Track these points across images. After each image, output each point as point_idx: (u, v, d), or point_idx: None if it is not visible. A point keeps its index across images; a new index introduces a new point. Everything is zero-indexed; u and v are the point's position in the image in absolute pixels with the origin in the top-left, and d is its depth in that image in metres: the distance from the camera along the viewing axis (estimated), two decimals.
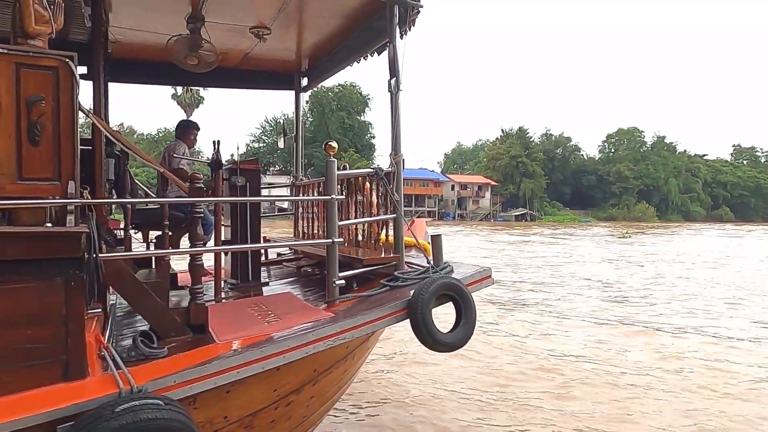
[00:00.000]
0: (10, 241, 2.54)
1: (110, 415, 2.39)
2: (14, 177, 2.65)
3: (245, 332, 3.48)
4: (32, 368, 2.57)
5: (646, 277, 17.94)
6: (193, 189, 3.42)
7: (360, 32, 5.43)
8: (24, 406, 2.43)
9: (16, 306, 2.55)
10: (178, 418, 2.54)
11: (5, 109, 2.60)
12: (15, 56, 2.63)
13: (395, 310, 3.77)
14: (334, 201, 3.93)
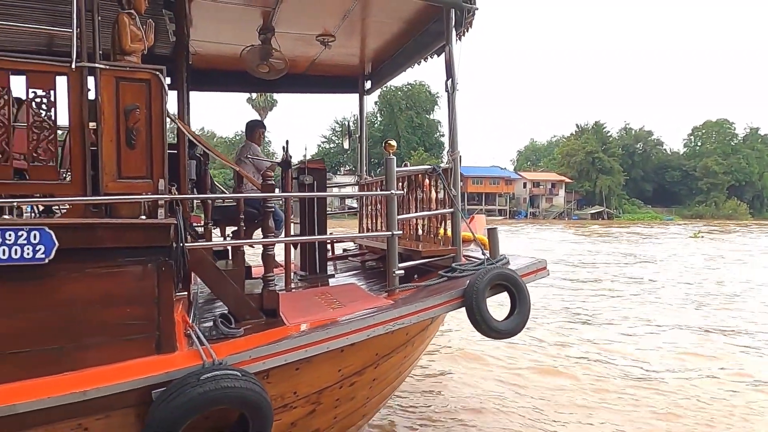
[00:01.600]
0: (112, 232, 2.97)
1: (195, 382, 2.74)
2: (115, 176, 3.08)
3: (312, 317, 3.79)
4: (131, 342, 2.99)
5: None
6: (265, 186, 3.76)
7: (419, 36, 5.63)
8: (125, 373, 2.84)
9: (117, 287, 2.97)
10: (253, 387, 2.87)
11: (107, 117, 3.03)
12: (115, 71, 3.06)
13: (451, 298, 3.95)
14: (393, 196, 4.17)
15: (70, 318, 2.85)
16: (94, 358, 2.88)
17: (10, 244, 2.70)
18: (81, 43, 2.94)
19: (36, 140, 2.93)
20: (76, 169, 3.00)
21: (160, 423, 2.68)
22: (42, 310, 2.80)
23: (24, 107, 3.06)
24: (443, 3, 4.47)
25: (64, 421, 2.62)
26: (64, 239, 2.80)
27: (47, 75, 2.93)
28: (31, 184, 2.97)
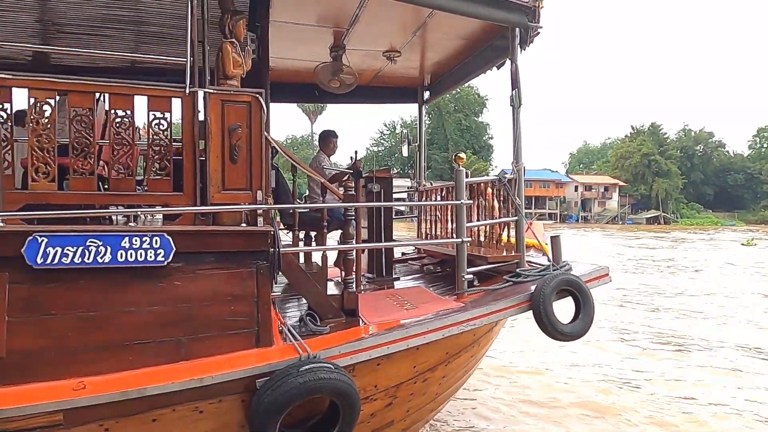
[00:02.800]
0: (219, 237, 3.35)
1: (296, 372, 3.08)
2: (219, 188, 3.47)
3: (388, 317, 4.09)
4: (235, 336, 3.36)
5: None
6: (347, 196, 4.09)
7: (481, 51, 5.86)
8: (231, 363, 3.20)
9: (223, 287, 3.35)
10: (344, 379, 3.19)
11: (214, 135, 3.42)
12: (221, 94, 3.45)
13: (519, 302, 4.16)
14: (463, 205, 4.42)
15: (185, 314, 3.24)
16: (205, 350, 3.26)
17: (137, 248, 3.12)
18: (193, 71, 3.34)
19: (154, 156, 3.34)
20: (187, 181, 3.40)
21: (267, 408, 3.02)
22: (162, 305, 3.20)
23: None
24: (509, 23, 4.68)
25: (184, 405, 3.00)
26: (179, 244, 3.20)
27: (165, 99, 3.35)
28: (152, 195, 3.38)
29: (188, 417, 3.04)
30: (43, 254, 2.94)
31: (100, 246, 3.05)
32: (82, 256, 3.02)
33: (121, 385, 2.89)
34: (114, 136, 3.25)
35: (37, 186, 3.12)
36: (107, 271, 3.08)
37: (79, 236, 3.01)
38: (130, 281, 3.14)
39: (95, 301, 3.07)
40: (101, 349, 3.05)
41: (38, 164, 3.11)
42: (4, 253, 2.91)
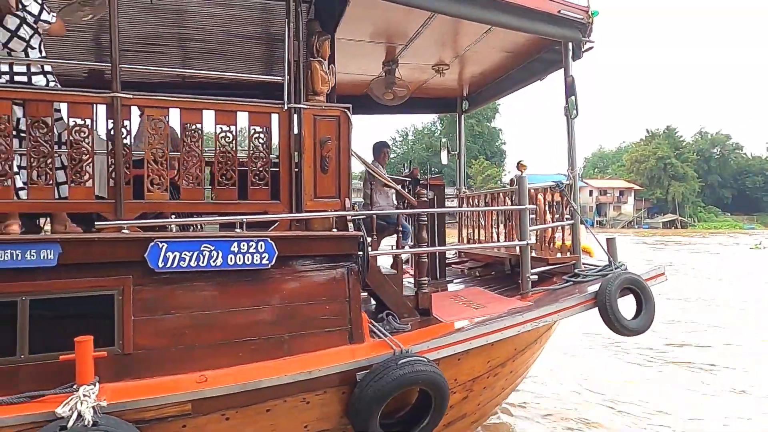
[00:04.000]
0: (315, 242, 3.62)
1: (395, 366, 3.32)
2: (312, 196, 3.74)
3: (460, 315, 4.32)
4: (330, 333, 3.61)
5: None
6: (421, 203, 4.35)
7: (528, 63, 6.09)
8: (330, 358, 3.45)
9: (319, 288, 3.62)
10: (438, 371, 3.43)
11: (307, 147, 3.70)
12: (313, 110, 3.73)
13: (585, 300, 4.37)
14: (527, 210, 4.66)
15: (286, 313, 3.51)
16: (304, 346, 3.52)
17: (245, 252, 3.39)
18: (290, 89, 3.63)
19: (256, 167, 3.62)
20: (284, 190, 3.68)
21: (371, 398, 3.26)
22: (266, 306, 3.47)
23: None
24: (564, 38, 4.92)
25: (293, 396, 3.26)
26: (280, 248, 3.47)
27: (265, 115, 3.63)
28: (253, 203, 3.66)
29: (297, 407, 3.29)
30: (164, 258, 3.23)
31: (212, 251, 3.33)
32: (197, 260, 3.30)
33: (237, 379, 3.15)
34: (219, 149, 3.53)
35: (152, 196, 3.41)
36: (219, 274, 3.36)
37: (195, 242, 3.30)
38: (238, 283, 3.41)
39: (208, 302, 3.35)
40: (215, 345, 3.32)
41: (153, 176, 3.41)
42: (129, 258, 3.20)
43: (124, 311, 3.15)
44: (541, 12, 4.57)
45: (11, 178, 3.15)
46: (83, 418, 2.67)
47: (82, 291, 3.13)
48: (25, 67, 3.27)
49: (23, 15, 3.24)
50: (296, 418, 3.32)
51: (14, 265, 2.98)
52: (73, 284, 3.11)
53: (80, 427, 2.65)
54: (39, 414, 2.72)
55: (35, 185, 3.20)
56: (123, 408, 2.84)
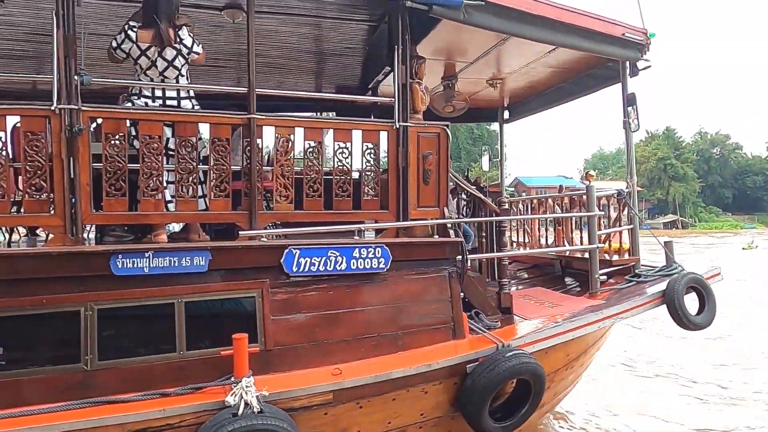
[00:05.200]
0: (422, 248, 4.00)
1: (503, 358, 3.69)
2: (416, 205, 4.11)
3: (540, 313, 4.69)
4: (436, 330, 3.98)
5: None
6: (503, 210, 4.72)
7: (580, 78, 6.45)
8: (440, 353, 3.81)
9: (425, 289, 3.98)
10: (537, 363, 3.80)
11: (412, 161, 4.07)
12: (417, 127, 4.10)
13: (654, 298, 4.75)
14: (595, 217, 5.04)
15: (399, 312, 3.88)
16: (415, 342, 3.89)
17: (365, 257, 3.76)
18: (400, 109, 4.00)
19: (369, 181, 3.99)
20: (392, 201, 4.05)
21: (484, 388, 3.63)
22: (383, 306, 3.83)
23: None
24: (624, 57, 5.31)
25: (415, 386, 3.62)
26: (393, 253, 3.84)
27: (375, 132, 4.01)
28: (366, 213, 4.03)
29: (417, 396, 3.65)
30: (297, 263, 3.60)
31: (338, 256, 3.69)
32: (325, 265, 3.67)
33: (367, 371, 3.51)
34: (337, 164, 3.90)
35: (280, 207, 3.78)
36: (342, 277, 3.73)
37: (323, 248, 3.66)
38: (359, 285, 3.78)
39: (334, 303, 3.71)
40: (341, 342, 3.68)
41: (281, 189, 3.78)
42: (266, 263, 3.56)
43: (264, 311, 3.51)
44: (608, 35, 4.95)
45: (162, 192, 3.52)
46: (251, 406, 3.03)
47: (228, 293, 3.50)
48: (176, 92, 3.64)
49: (179, 47, 3.62)
50: (415, 407, 3.68)
51: (172, 270, 3.34)
52: (221, 287, 3.47)
53: (249, 414, 3.01)
54: (210, 403, 3.07)
55: (182, 198, 3.57)
56: (278, 397, 3.20)
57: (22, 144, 3.24)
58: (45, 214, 3.28)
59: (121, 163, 3.41)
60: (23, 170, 3.25)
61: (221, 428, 2.93)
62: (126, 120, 3.45)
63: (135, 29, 3.54)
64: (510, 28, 4.44)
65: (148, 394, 3.11)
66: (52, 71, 3.24)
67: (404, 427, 3.70)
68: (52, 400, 2.99)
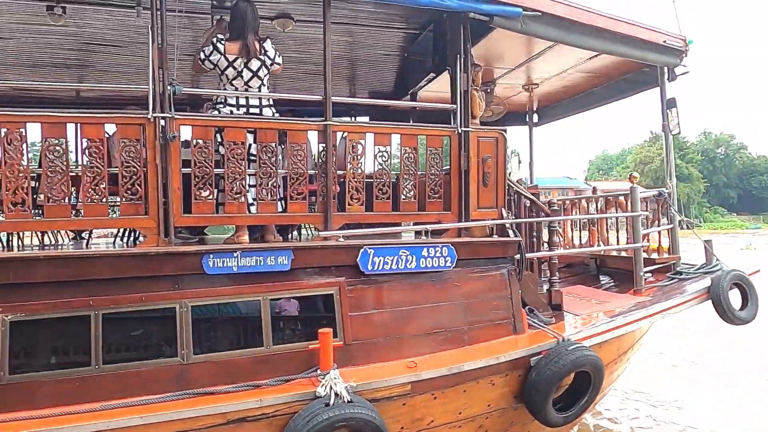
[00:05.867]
0: (484, 247, 4.18)
1: (566, 351, 3.87)
2: (476, 207, 4.30)
3: (589, 310, 4.87)
4: (498, 325, 4.17)
5: None
6: (553, 210, 4.91)
7: (613, 83, 6.63)
8: (503, 347, 4.00)
9: (488, 286, 4.17)
10: (598, 356, 3.98)
11: (473, 165, 4.27)
12: (478, 132, 4.30)
13: (699, 294, 4.93)
14: (639, 217, 5.22)
15: (464, 308, 4.06)
16: (479, 337, 4.07)
17: (433, 256, 3.95)
18: (460, 114, 4.20)
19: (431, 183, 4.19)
20: (454, 201, 4.25)
21: (549, 379, 3.80)
22: (449, 302, 4.02)
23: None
24: (664, 64, 5.50)
25: (484, 378, 3.81)
26: (459, 252, 4.03)
27: (440, 137, 4.20)
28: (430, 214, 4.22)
29: (485, 388, 3.84)
30: (372, 262, 3.79)
31: (408, 255, 3.89)
32: (397, 264, 3.86)
33: (440, 364, 3.70)
34: (404, 168, 4.10)
35: (352, 209, 3.98)
36: (412, 275, 3.92)
37: (395, 248, 3.86)
38: (427, 283, 3.97)
39: (404, 300, 3.90)
40: (411, 336, 3.87)
41: (352, 191, 3.98)
42: (343, 262, 3.76)
43: (343, 308, 3.70)
44: (651, 42, 5.14)
45: (245, 195, 3.72)
46: (341, 397, 3.22)
47: (309, 291, 3.69)
48: (258, 100, 3.85)
49: (264, 58, 3.82)
50: (483, 398, 3.87)
51: (258, 269, 3.54)
52: (302, 285, 3.67)
53: (340, 403, 3.19)
54: (302, 393, 3.26)
55: (263, 201, 3.77)
56: (362, 388, 3.38)
57: (119, 150, 3.44)
58: (140, 216, 3.48)
59: (208, 168, 3.61)
60: (120, 175, 3.45)
61: (315, 417, 3.12)
62: (213, 127, 3.65)
63: (223, 42, 3.75)
64: (562, 37, 4.63)
65: (241, 386, 3.30)
66: (147, 81, 3.44)
67: (473, 417, 3.88)
68: (153, 392, 3.19)
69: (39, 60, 5.80)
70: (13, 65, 5.87)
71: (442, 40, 5.44)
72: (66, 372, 3.14)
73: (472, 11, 4.08)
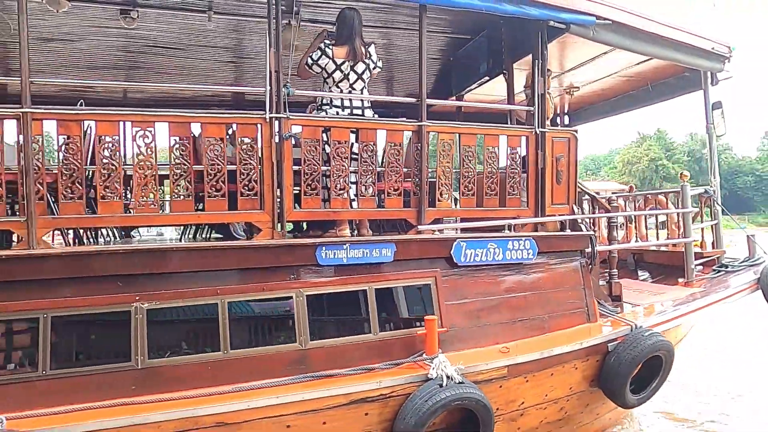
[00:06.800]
0: (561, 241, 4.46)
1: (643, 336, 4.15)
2: (550, 203, 4.57)
3: (647, 300, 5.17)
4: (573, 314, 4.44)
5: None
6: (613, 207, 5.21)
7: (652, 86, 6.92)
8: (584, 333, 4.27)
9: (564, 278, 4.45)
10: (669, 341, 4.27)
11: (548, 163, 4.53)
12: (552, 132, 4.57)
13: (749, 285, 5.26)
14: (689, 213, 5.53)
15: (544, 298, 4.34)
16: (557, 325, 4.35)
17: (517, 249, 4.22)
18: (537, 116, 4.47)
19: (510, 181, 4.45)
20: (531, 198, 4.51)
21: (629, 363, 4.08)
22: (531, 292, 4.29)
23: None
24: (709, 69, 5.82)
25: (568, 363, 4.08)
26: (540, 245, 4.30)
27: (518, 137, 4.47)
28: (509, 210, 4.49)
29: (569, 372, 4.11)
30: (464, 255, 4.04)
31: (496, 248, 4.15)
32: (485, 256, 4.12)
33: (529, 350, 3.96)
34: (487, 167, 4.36)
35: (441, 205, 4.24)
36: (498, 267, 4.19)
37: (484, 241, 4.12)
38: (511, 274, 4.23)
39: (492, 289, 4.17)
40: (499, 324, 4.13)
41: (442, 188, 4.23)
42: (439, 255, 4.01)
43: (439, 297, 3.95)
44: (700, 48, 5.44)
45: (348, 191, 3.96)
46: (452, 378, 3.47)
47: (409, 281, 3.94)
48: (360, 102, 4.08)
49: (368, 62, 4.06)
50: (566, 381, 4.14)
51: (365, 260, 3.78)
52: (403, 276, 3.91)
53: (452, 384, 3.44)
54: (416, 375, 3.50)
55: (363, 197, 4.01)
56: (466, 371, 3.63)
57: (237, 149, 3.66)
58: (256, 211, 3.70)
59: (316, 165, 3.84)
60: (237, 172, 3.66)
61: (433, 396, 3.37)
62: (321, 127, 3.88)
63: (330, 46, 3.98)
64: (624, 43, 4.91)
65: (355, 370, 3.54)
66: (265, 84, 3.66)
67: (556, 400, 4.16)
68: (276, 375, 3.41)
69: (105, 61, 5.95)
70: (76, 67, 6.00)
71: (497, 46, 5.72)
72: (198, 357, 3.36)
73: (552, 20, 4.34)
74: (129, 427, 2.92)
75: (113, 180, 3.42)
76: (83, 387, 3.09)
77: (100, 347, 3.44)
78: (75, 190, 3.36)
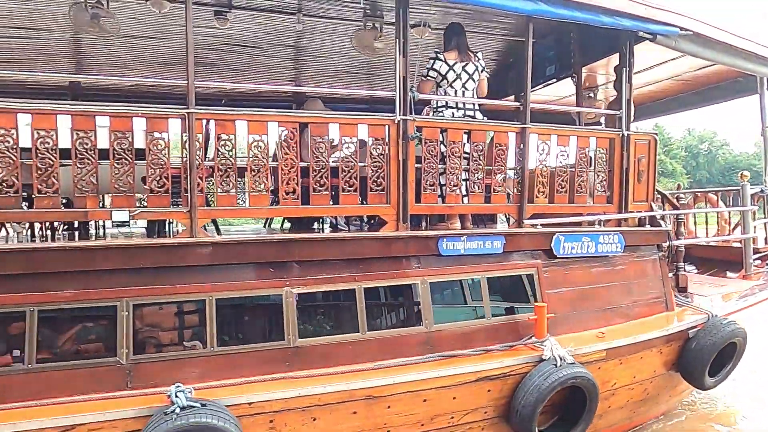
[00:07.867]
0: (643, 235, 4.82)
1: (722, 324, 4.53)
2: (632, 200, 4.93)
3: (712, 292, 5.55)
4: (653, 303, 4.82)
5: None
6: (681, 204, 5.58)
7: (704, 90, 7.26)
8: (667, 321, 4.65)
9: (646, 269, 4.82)
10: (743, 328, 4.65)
11: (631, 164, 4.88)
12: (635, 135, 4.91)
13: None
14: (749, 211, 5.91)
15: (628, 288, 4.71)
16: (640, 313, 4.72)
17: (607, 242, 4.58)
18: (625, 119, 4.81)
19: (598, 178, 4.81)
20: (616, 195, 4.87)
21: (711, 349, 4.46)
22: (619, 282, 4.66)
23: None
24: (764, 74, 6.16)
25: (656, 347, 4.45)
26: (626, 239, 4.66)
27: (587, 138, 4.80)
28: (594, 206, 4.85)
29: (655, 356, 4.49)
30: (563, 247, 4.40)
31: (589, 241, 4.51)
32: (580, 248, 4.48)
33: (622, 335, 4.32)
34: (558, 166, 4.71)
35: (539, 201, 4.58)
36: (591, 258, 4.55)
37: (579, 234, 4.48)
38: (601, 265, 4.60)
39: (584, 280, 4.53)
40: (590, 311, 4.50)
41: (539, 186, 4.57)
42: (540, 247, 4.37)
43: (541, 286, 4.31)
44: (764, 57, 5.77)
45: (460, 187, 4.30)
46: (564, 359, 3.84)
47: (516, 271, 4.29)
48: (472, 105, 4.42)
49: (478, 64, 4.41)
50: (652, 364, 4.52)
51: (478, 251, 4.13)
52: (511, 266, 4.27)
53: (565, 364, 3.81)
54: (532, 356, 3.87)
55: (474, 193, 4.36)
56: (573, 353, 4.00)
57: (368, 148, 3.99)
58: (384, 205, 4.04)
59: (434, 163, 4.17)
60: (368, 169, 3.99)
61: (551, 375, 3.74)
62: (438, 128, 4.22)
63: (441, 53, 4.36)
64: (699, 52, 5.23)
65: (476, 350, 3.90)
66: (394, 88, 3.99)
67: (641, 382, 4.54)
68: (406, 354, 3.77)
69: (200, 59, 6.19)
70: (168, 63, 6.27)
71: (565, 49, 6.06)
72: (342, 337, 3.70)
73: (642, 30, 4.67)
74: (294, 399, 3.26)
75: (262, 175, 3.75)
76: (243, 363, 3.43)
77: (253, 328, 3.77)
78: (230, 183, 3.69)
